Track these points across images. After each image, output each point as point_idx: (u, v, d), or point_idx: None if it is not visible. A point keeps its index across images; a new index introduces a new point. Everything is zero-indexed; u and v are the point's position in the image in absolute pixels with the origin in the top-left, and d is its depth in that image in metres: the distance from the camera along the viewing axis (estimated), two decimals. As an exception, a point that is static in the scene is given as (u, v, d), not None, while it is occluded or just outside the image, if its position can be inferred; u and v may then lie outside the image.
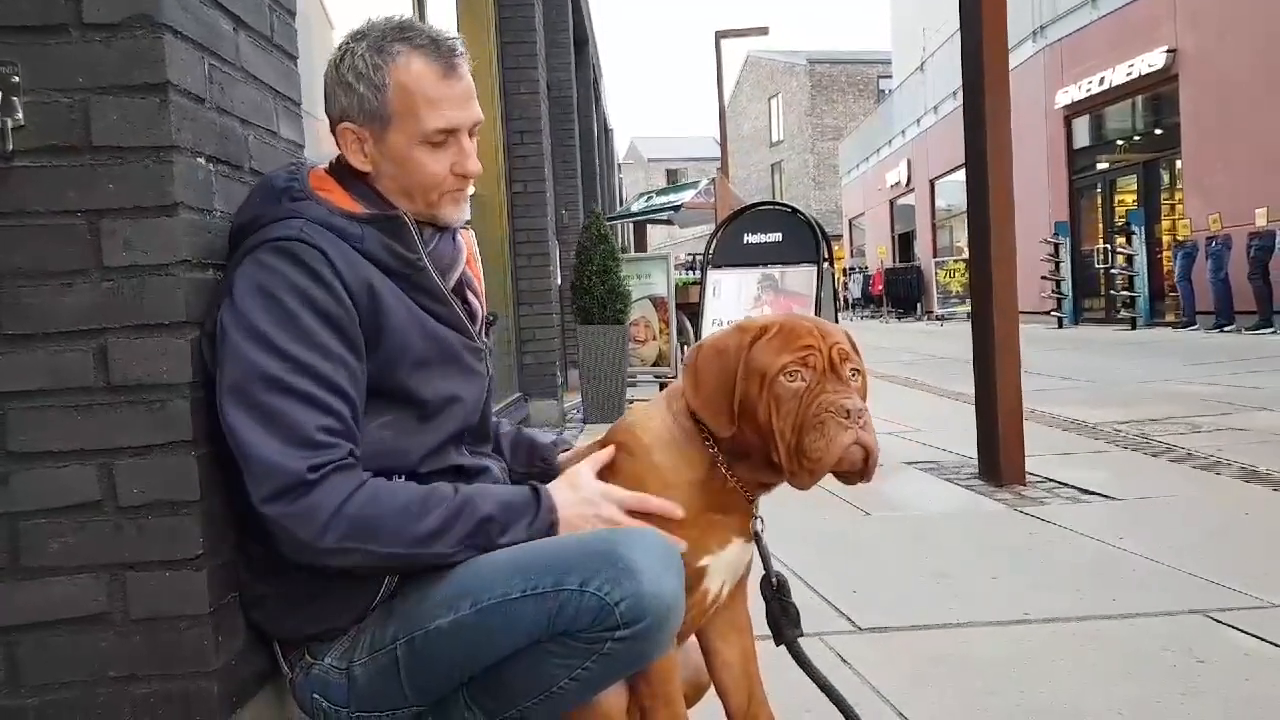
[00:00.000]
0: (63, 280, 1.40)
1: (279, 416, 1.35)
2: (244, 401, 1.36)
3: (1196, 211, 14.85)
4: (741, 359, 1.47)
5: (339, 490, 1.35)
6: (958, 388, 7.32)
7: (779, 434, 1.43)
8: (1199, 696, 2.05)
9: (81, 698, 1.43)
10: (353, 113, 1.51)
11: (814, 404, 1.41)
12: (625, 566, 1.31)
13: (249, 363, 1.36)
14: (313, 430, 1.36)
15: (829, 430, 1.40)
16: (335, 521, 1.34)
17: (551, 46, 8.87)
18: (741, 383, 1.46)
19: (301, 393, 1.36)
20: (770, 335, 1.47)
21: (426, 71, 1.49)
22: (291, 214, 1.45)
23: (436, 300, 1.55)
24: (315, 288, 1.39)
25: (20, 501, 1.40)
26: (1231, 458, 4.57)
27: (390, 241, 1.49)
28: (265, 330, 1.37)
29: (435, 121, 1.49)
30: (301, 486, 1.33)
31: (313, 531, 1.34)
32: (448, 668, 1.41)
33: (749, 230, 6.61)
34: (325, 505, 1.34)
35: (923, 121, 26.49)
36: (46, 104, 1.38)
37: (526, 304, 6.96)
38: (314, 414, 1.36)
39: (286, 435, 1.35)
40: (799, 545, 3.25)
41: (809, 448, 1.41)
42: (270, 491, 1.34)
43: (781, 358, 1.44)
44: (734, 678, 1.63)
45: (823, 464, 1.41)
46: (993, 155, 4.27)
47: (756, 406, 1.45)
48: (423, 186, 1.53)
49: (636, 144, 60.44)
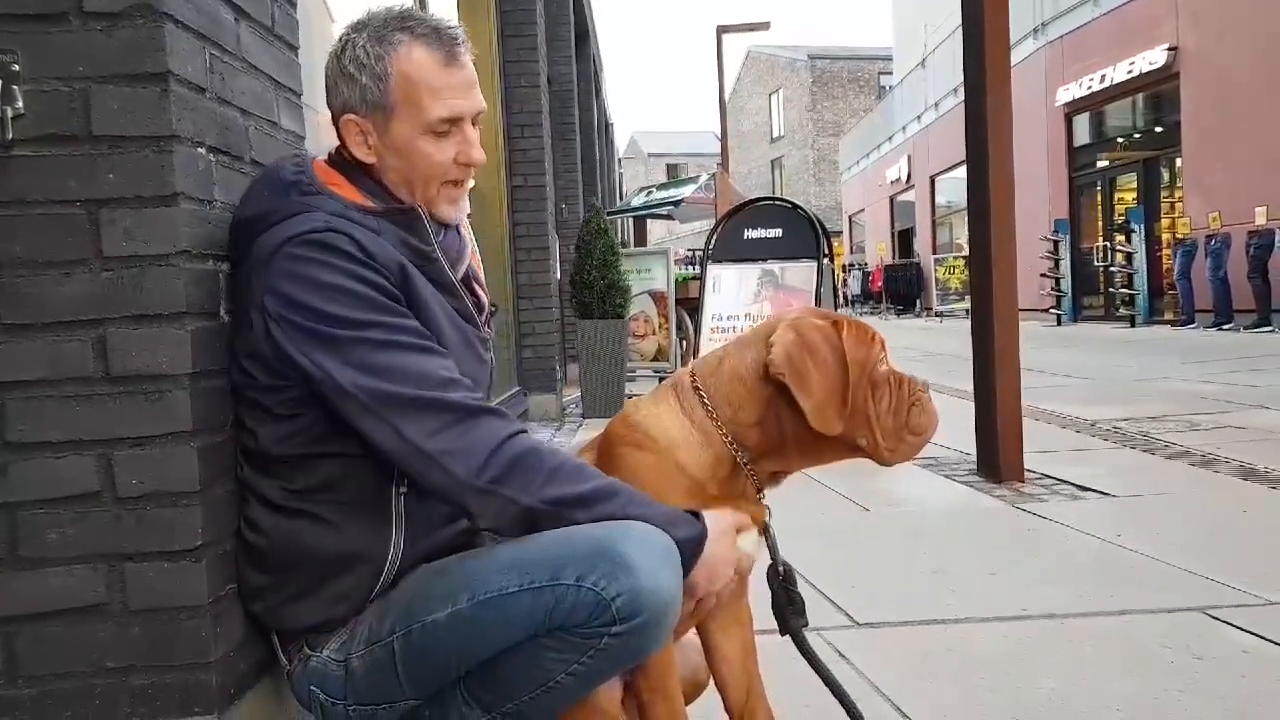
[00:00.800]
0: (62, 270, 1.39)
1: (407, 369, 1.37)
2: (369, 373, 1.36)
3: (1196, 210, 14.85)
4: (843, 354, 1.49)
5: (498, 429, 1.37)
6: (957, 385, 7.32)
7: (877, 418, 1.50)
8: (1196, 693, 2.06)
9: (79, 689, 1.43)
10: (355, 104, 1.50)
11: (904, 385, 1.52)
12: (622, 562, 1.31)
13: (347, 345, 1.36)
14: (442, 371, 1.39)
15: (927, 406, 1.53)
16: (494, 459, 1.35)
17: (552, 40, 8.86)
18: (852, 376, 1.48)
19: (409, 345, 1.39)
20: (847, 328, 1.52)
21: (429, 60, 1.48)
22: (307, 208, 1.44)
23: (449, 292, 1.56)
24: (361, 269, 1.40)
25: (19, 492, 1.39)
26: (1230, 455, 4.57)
27: (405, 234, 1.50)
28: (341, 314, 1.37)
29: (439, 110, 1.48)
30: (465, 416, 1.36)
31: (473, 466, 1.34)
32: (445, 661, 1.41)
33: (749, 226, 6.62)
34: (487, 440, 1.36)
35: (923, 118, 26.47)
36: (46, 93, 1.37)
37: (526, 298, 6.96)
38: (434, 359, 1.40)
39: (423, 380, 1.37)
40: (798, 541, 3.23)
41: (915, 424, 1.52)
42: (436, 425, 1.35)
43: (873, 348, 1.51)
44: (733, 672, 1.63)
45: (927, 436, 1.54)
46: (994, 153, 4.27)
47: (858, 396, 1.49)
48: (426, 176, 1.52)
49: (637, 138, 60.39)
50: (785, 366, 1.47)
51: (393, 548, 1.47)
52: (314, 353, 1.38)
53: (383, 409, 1.36)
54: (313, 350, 1.37)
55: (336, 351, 1.37)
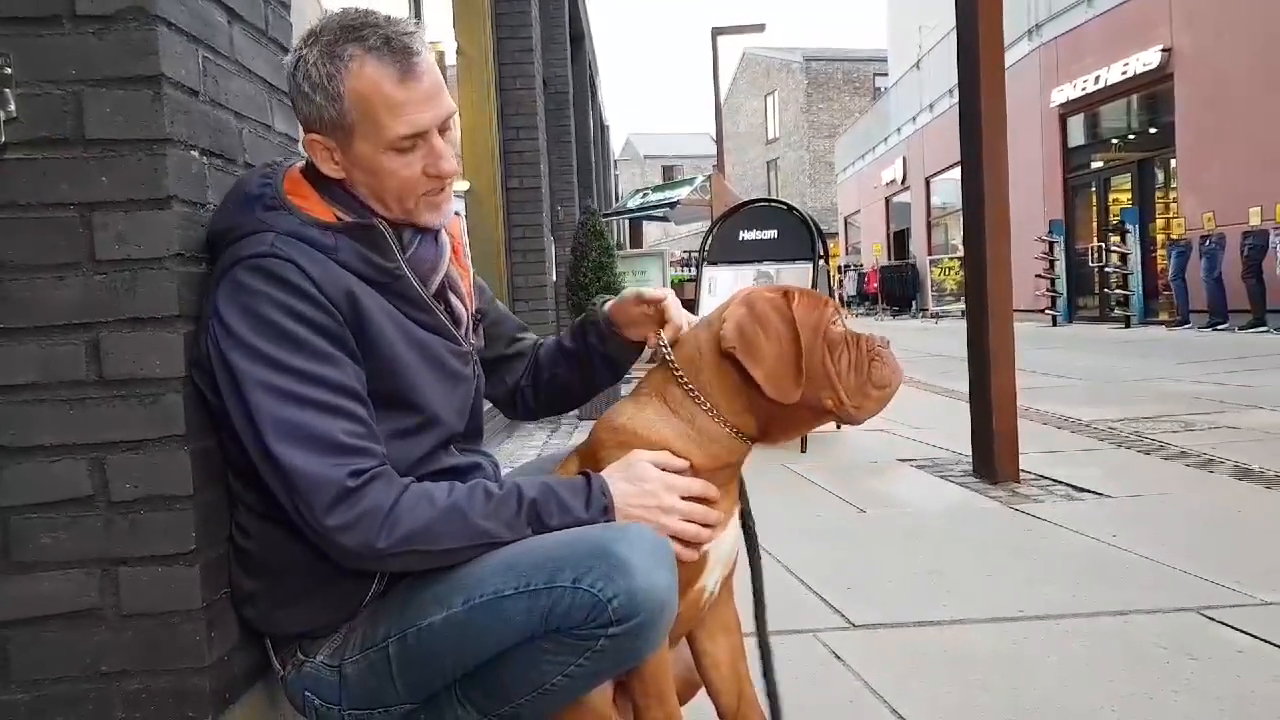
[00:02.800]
0: (55, 273, 1.39)
1: (302, 429, 1.33)
2: (263, 421, 1.34)
3: (1191, 210, 14.88)
4: (792, 321, 1.50)
5: (385, 495, 1.35)
6: (952, 385, 7.33)
7: (838, 376, 1.51)
8: (1192, 693, 2.06)
9: (73, 693, 1.42)
10: (315, 123, 1.45)
11: (861, 341, 1.54)
12: (618, 562, 1.30)
13: (256, 382, 1.34)
14: (340, 436, 1.35)
15: (887, 359, 1.55)
16: (388, 525, 1.34)
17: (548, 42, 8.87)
18: (805, 340, 1.50)
19: (318, 402, 1.35)
20: (796, 295, 1.54)
21: (382, 76, 1.40)
22: (262, 226, 1.41)
23: (417, 308, 1.52)
24: (298, 301, 1.37)
25: (11, 496, 1.39)
26: (1225, 456, 4.58)
27: (366, 251, 1.45)
28: (263, 349, 1.35)
29: (398, 128, 1.41)
30: (348, 495, 1.33)
31: (369, 537, 1.33)
32: (440, 665, 1.41)
33: (745, 227, 6.61)
34: (376, 510, 1.34)
35: (918, 119, 26.50)
36: (39, 96, 1.37)
37: (522, 300, 6.96)
38: (336, 420, 1.35)
39: (316, 446, 1.33)
40: (794, 542, 3.25)
41: (877, 378, 1.53)
42: (321, 505, 1.32)
43: (825, 310, 1.53)
44: (723, 678, 1.62)
45: (891, 389, 1.55)
46: (988, 154, 4.27)
47: (814, 358, 1.50)
48: (397, 193, 1.47)
49: (633, 140, 60.40)
50: (736, 340, 1.49)
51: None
52: (225, 377, 1.37)
53: (273, 471, 1.35)
54: (225, 374, 1.37)
55: (246, 388, 1.35)
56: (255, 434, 1.35)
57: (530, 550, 1.38)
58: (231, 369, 1.36)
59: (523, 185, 6.96)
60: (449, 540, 1.38)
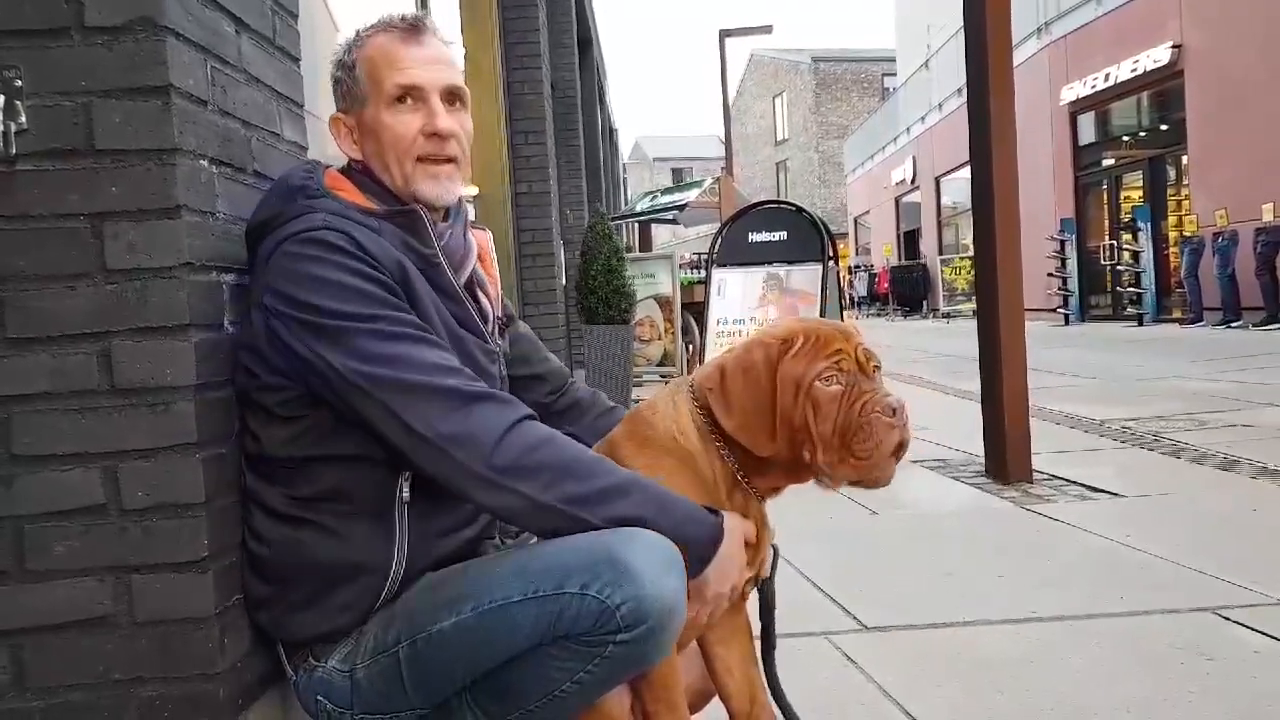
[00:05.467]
0: (66, 283, 1.40)
1: (409, 357, 1.36)
2: (369, 362, 1.35)
3: (1203, 207, 14.79)
4: (775, 373, 1.44)
5: (501, 415, 1.36)
6: (964, 385, 7.31)
7: (820, 438, 1.43)
8: (1207, 694, 2.05)
9: (86, 700, 1.43)
10: (339, 102, 1.58)
11: (856, 406, 1.42)
12: (626, 569, 1.30)
13: (347, 336, 1.36)
14: (442, 360, 1.38)
15: (877, 430, 1.41)
16: (502, 447, 1.33)
17: (555, 47, 8.87)
18: (780, 396, 1.44)
19: (408, 336, 1.38)
20: (799, 345, 1.45)
21: (388, 40, 1.54)
22: (309, 209, 1.46)
23: (450, 298, 1.55)
24: (356, 263, 1.40)
25: (25, 504, 1.40)
26: (1239, 454, 4.55)
27: (406, 236, 1.51)
28: (338, 308, 1.37)
29: (397, 78, 1.52)
30: (463, 402, 1.34)
31: (483, 451, 1.33)
32: (450, 670, 1.41)
33: (754, 229, 6.62)
34: (491, 426, 1.34)
35: (928, 119, 26.43)
36: (49, 107, 1.38)
37: (532, 304, 6.96)
38: (433, 350, 1.39)
39: (423, 367, 1.36)
40: (805, 544, 3.24)
41: (857, 449, 1.41)
42: (440, 410, 1.34)
43: (816, 364, 1.43)
44: (736, 682, 1.62)
45: (872, 462, 1.42)
46: (998, 153, 4.26)
47: (793, 416, 1.44)
48: (396, 152, 1.54)
49: (641, 143, 60.44)
50: (713, 384, 1.48)
51: (396, 557, 1.47)
52: (315, 345, 1.38)
53: (385, 396, 1.36)
54: (314, 343, 1.38)
55: (337, 343, 1.37)
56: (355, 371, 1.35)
57: (540, 556, 1.38)
58: (318, 331, 1.37)
59: (531, 190, 6.96)
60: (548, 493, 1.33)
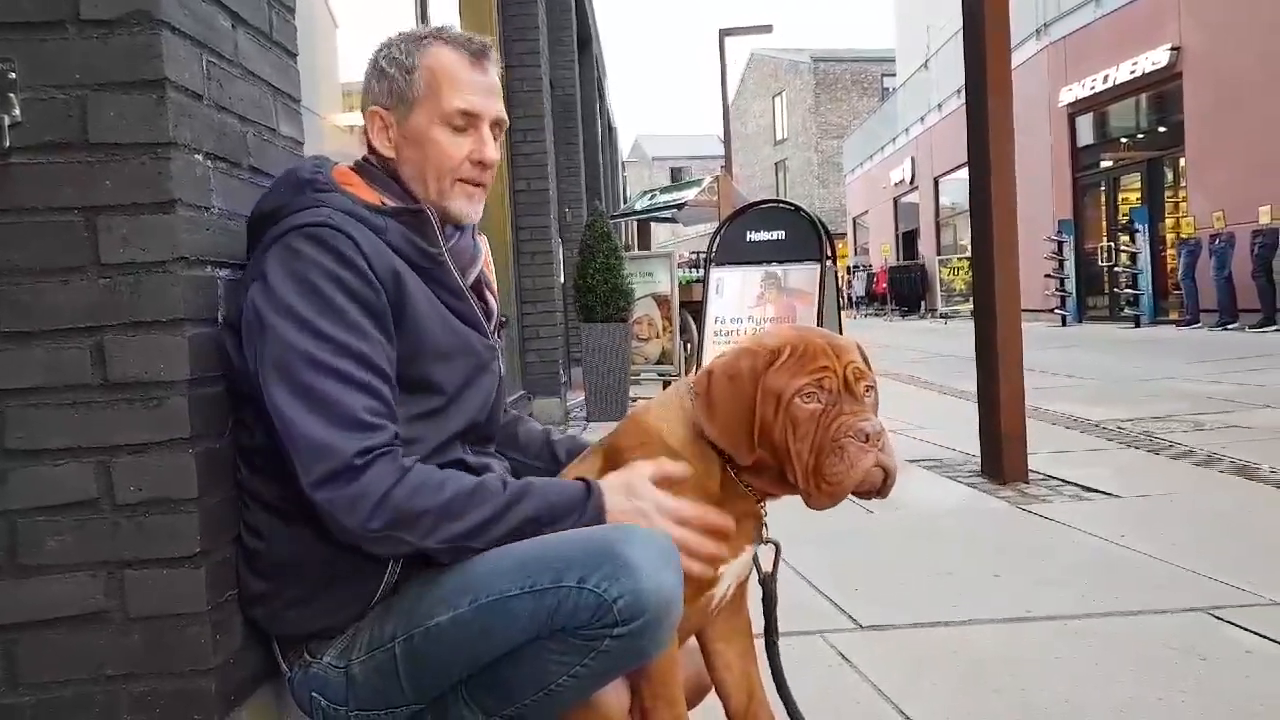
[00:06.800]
0: (60, 277, 1.39)
1: (324, 398, 1.36)
2: (288, 381, 1.36)
3: (1200, 209, 14.81)
4: (757, 384, 1.43)
5: (385, 477, 1.36)
6: (961, 385, 7.31)
7: (796, 456, 1.41)
8: (1202, 694, 2.05)
9: (79, 696, 1.42)
10: (382, 97, 1.57)
11: (832, 427, 1.39)
12: (623, 563, 1.31)
13: (289, 344, 1.37)
14: (359, 411, 1.37)
15: (849, 454, 1.38)
16: (380, 509, 1.34)
17: (555, 45, 8.87)
18: (760, 407, 1.43)
19: (344, 374, 1.37)
20: (784, 357, 1.43)
21: (454, 59, 1.56)
22: (317, 203, 1.46)
23: (455, 296, 1.57)
24: (346, 272, 1.41)
25: (18, 499, 1.39)
26: (1235, 455, 4.56)
27: (412, 235, 1.51)
28: (303, 314, 1.38)
29: (457, 102, 1.54)
30: (349, 471, 1.34)
31: (360, 517, 1.34)
32: (446, 665, 1.41)
33: (752, 228, 6.61)
34: (372, 492, 1.35)
35: (927, 119, 26.45)
36: (44, 101, 1.38)
37: (530, 302, 6.96)
38: (359, 395, 1.38)
39: (333, 417, 1.35)
40: (801, 543, 3.23)
41: (828, 471, 1.40)
42: (320, 475, 1.34)
43: (797, 380, 1.41)
44: (734, 678, 1.62)
45: (842, 487, 1.40)
46: (995, 154, 4.26)
47: (773, 429, 1.42)
48: (438, 169, 1.55)
49: (641, 142, 60.44)
50: (700, 389, 1.48)
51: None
52: (259, 333, 1.39)
53: (283, 430, 1.37)
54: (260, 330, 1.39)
55: (277, 347, 1.37)
56: (277, 388, 1.37)
57: (537, 550, 1.38)
58: (266, 326, 1.38)
59: (530, 188, 6.96)
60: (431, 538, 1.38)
